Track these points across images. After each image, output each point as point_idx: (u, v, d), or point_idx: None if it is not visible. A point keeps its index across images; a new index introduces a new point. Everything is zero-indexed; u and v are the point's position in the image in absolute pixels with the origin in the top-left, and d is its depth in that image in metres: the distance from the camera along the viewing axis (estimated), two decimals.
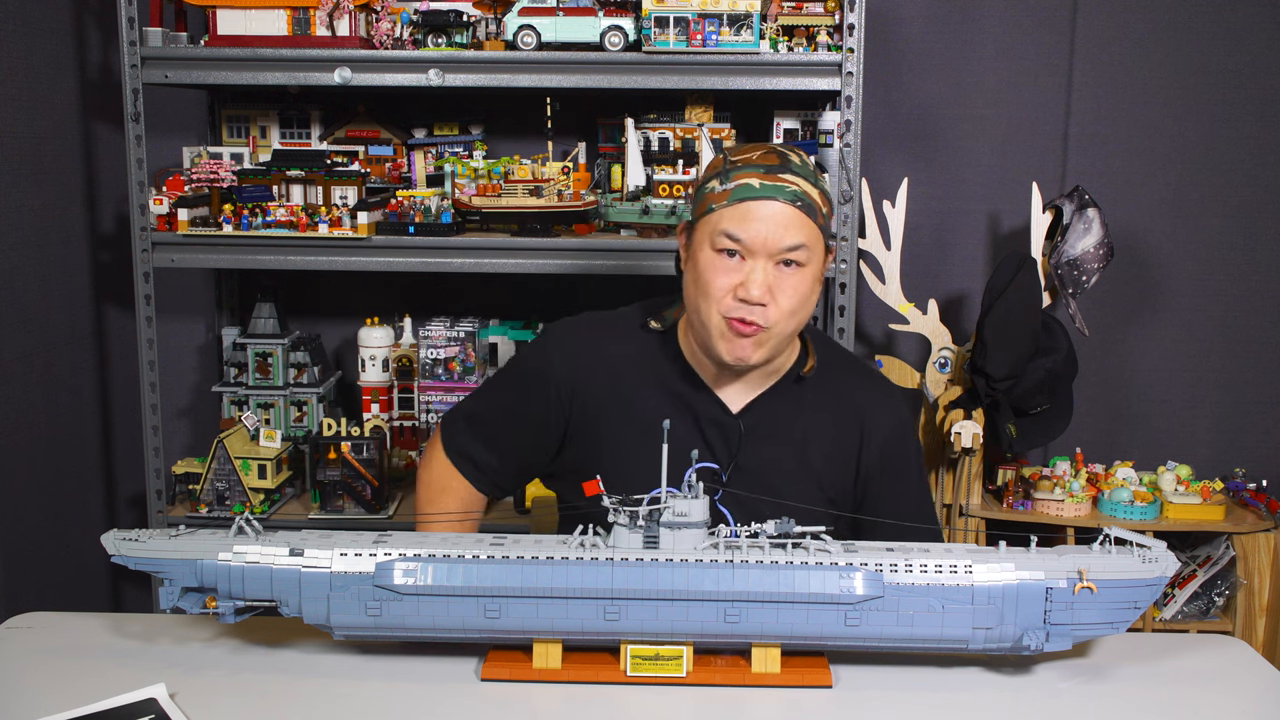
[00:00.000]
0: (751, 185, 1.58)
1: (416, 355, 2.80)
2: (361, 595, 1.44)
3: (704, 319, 1.62)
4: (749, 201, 1.57)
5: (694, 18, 2.40)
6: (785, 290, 1.59)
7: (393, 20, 2.52)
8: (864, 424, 1.74)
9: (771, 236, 1.57)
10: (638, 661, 1.45)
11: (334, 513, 2.63)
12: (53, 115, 2.77)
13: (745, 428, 1.70)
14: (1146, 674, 1.51)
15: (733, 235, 1.58)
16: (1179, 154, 2.95)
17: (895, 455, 1.76)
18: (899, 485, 1.77)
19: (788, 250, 1.58)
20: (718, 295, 1.59)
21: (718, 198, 1.60)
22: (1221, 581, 2.78)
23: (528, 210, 2.55)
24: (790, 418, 1.72)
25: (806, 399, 1.74)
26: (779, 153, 1.62)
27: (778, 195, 1.57)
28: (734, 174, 1.60)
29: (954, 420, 2.61)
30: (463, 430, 1.82)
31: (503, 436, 1.79)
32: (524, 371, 1.81)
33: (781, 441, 1.72)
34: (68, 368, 2.87)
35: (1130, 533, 1.49)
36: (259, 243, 2.53)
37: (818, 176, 1.63)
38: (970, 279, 3.02)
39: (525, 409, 1.77)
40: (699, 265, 1.62)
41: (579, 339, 1.77)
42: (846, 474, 1.75)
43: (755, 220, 1.57)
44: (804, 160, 1.63)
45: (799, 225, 1.58)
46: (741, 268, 1.59)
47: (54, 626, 1.62)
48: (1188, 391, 3.04)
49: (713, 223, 1.60)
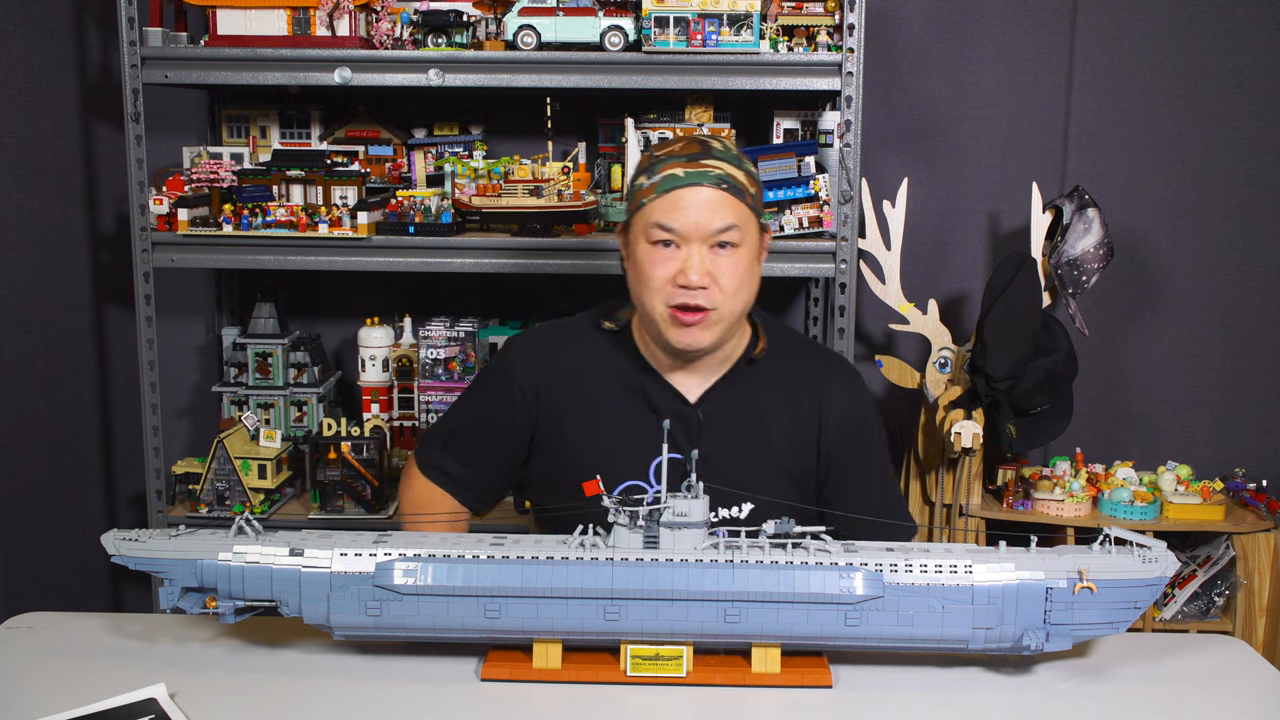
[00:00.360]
0: (676, 175, 1.64)
1: (416, 355, 2.80)
2: (361, 595, 1.44)
3: (650, 310, 1.68)
4: (676, 190, 1.64)
5: (694, 18, 2.40)
6: (723, 271, 1.65)
7: (393, 20, 2.52)
8: (822, 404, 1.78)
9: (702, 220, 1.63)
10: (638, 661, 1.45)
11: (334, 513, 2.63)
12: (53, 115, 2.77)
13: (704, 416, 1.74)
14: (1146, 674, 1.51)
15: (665, 225, 1.64)
16: (1179, 154, 2.95)
17: (855, 434, 1.80)
18: (861, 463, 1.81)
19: (719, 232, 1.64)
20: (658, 285, 1.65)
21: (646, 192, 1.66)
22: (1221, 581, 2.78)
23: (528, 210, 2.55)
24: (748, 402, 1.76)
25: (763, 382, 1.78)
26: (700, 141, 1.69)
27: (703, 181, 1.63)
28: (658, 167, 1.66)
29: (954, 420, 2.61)
30: (435, 450, 1.87)
31: (475, 450, 1.84)
32: (488, 385, 1.87)
33: (741, 426, 1.75)
34: (68, 368, 2.87)
35: (1130, 533, 1.49)
36: (259, 243, 2.53)
37: (741, 159, 1.69)
38: (970, 279, 3.02)
39: (493, 420, 1.81)
40: (638, 259, 1.68)
41: (537, 346, 1.84)
42: (809, 454, 1.78)
43: (684, 207, 1.63)
44: (726, 145, 1.70)
45: (727, 206, 1.64)
46: (678, 255, 1.64)
47: (54, 626, 1.62)
48: (1188, 391, 3.04)
49: (645, 217, 1.66)
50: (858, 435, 1.80)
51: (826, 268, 2.51)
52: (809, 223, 2.51)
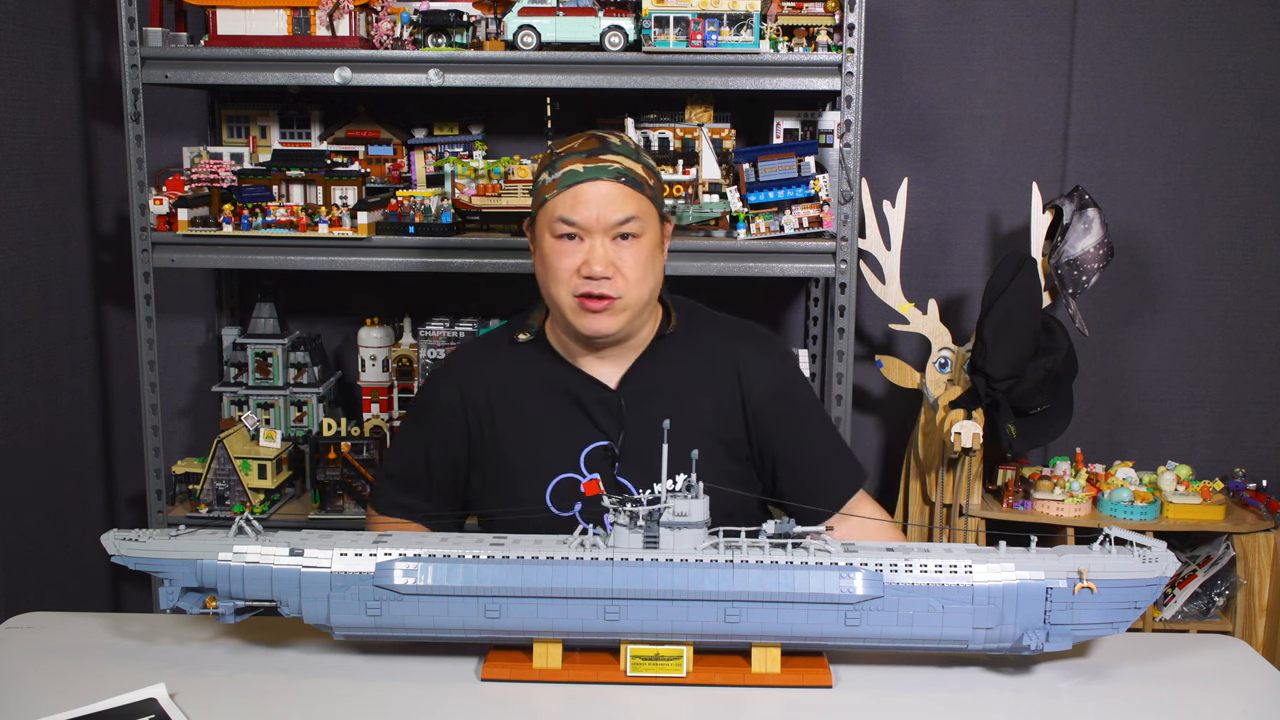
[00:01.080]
0: (576, 170, 1.70)
1: (416, 355, 2.80)
2: (361, 595, 1.44)
3: (557, 301, 1.73)
4: (576, 185, 1.69)
5: (694, 18, 2.40)
6: (626, 261, 1.70)
7: (393, 20, 2.52)
8: (740, 373, 1.81)
9: (603, 213, 1.69)
10: (638, 661, 1.45)
11: (334, 513, 2.63)
12: (53, 115, 2.77)
13: (626, 400, 1.78)
14: (1146, 674, 1.51)
15: (567, 219, 1.69)
16: (1179, 154, 2.95)
17: (781, 400, 1.83)
18: (796, 426, 1.84)
19: (620, 224, 1.69)
20: (564, 277, 1.71)
21: (549, 188, 1.72)
22: (1221, 581, 2.78)
23: (527, 210, 2.55)
24: (667, 379, 1.80)
25: (679, 357, 1.82)
26: (599, 137, 1.74)
27: (602, 175, 1.69)
28: (559, 163, 1.72)
29: (954, 420, 2.61)
30: (389, 490, 1.90)
31: (423, 480, 1.87)
32: (418, 418, 1.92)
33: (664, 403, 1.77)
34: (68, 368, 2.87)
35: (1130, 533, 1.49)
36: (259, 243, 2.53)
37: (640, 153, 1.75)
38: (970, 279, 3.02)
39: (431, 445, 1.85)
40: (544, 253, 1.73)
41: (457, 370, 1.87)
42: (736, 423, 1.81)
43: (585, 201, 1.69)
44: (624, 140, 1.75)
45: (626, 199, 1.70)
46: (581, 248, 1.70)
47: (54, 626, 1.62)
48: (1188, 391, 3.04)
49: (548, 212, 1.72)
50: (781, 399, 1.83)
51: (826, 268, 2.51)
52: (809, 223, 2.51)
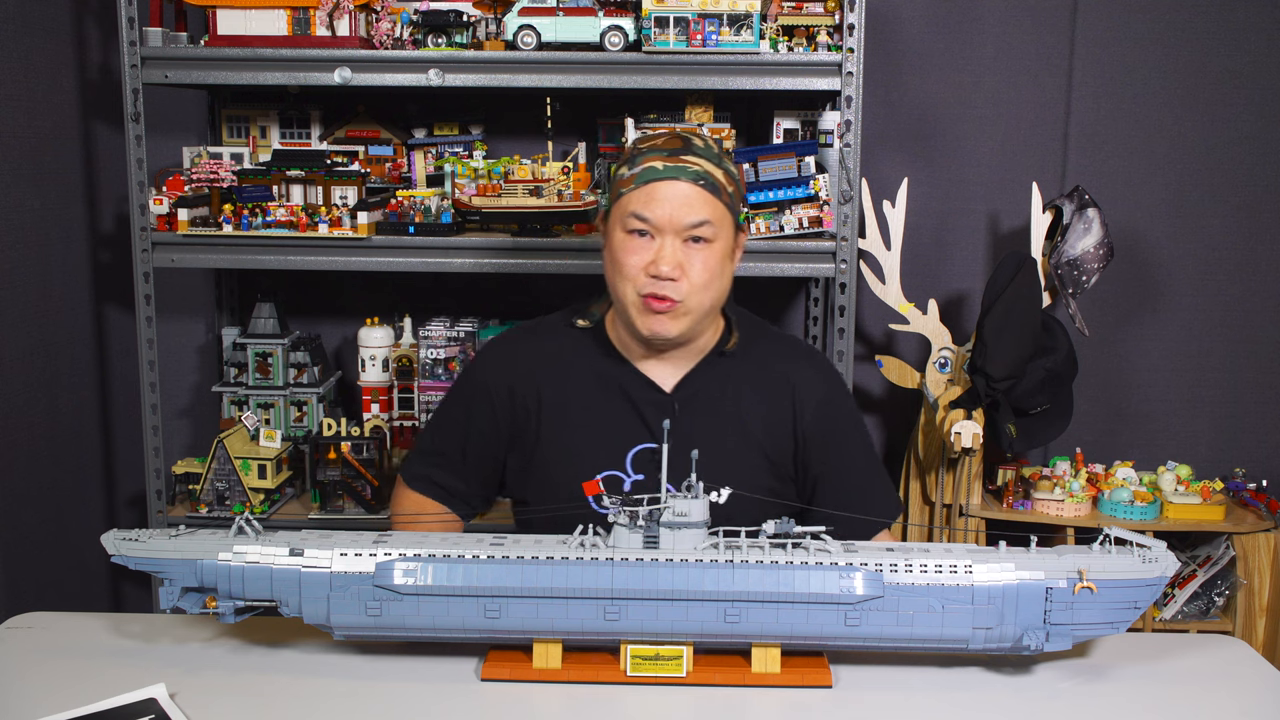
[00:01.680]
0: (655, 168, 1.67)
1: (416, 355, 2.80)
2: (361, 595, 1.44)
3: (621, 297, 1.71)
4: (654, 183, 1.67)
5: (694, 18, 2.40)
6: (695, 265, 1.68)
7: (393, 20, 2.52)
8: (795, 395, 1.80)
9: (676, 214, 1.66)
10: (638, 661, 1.45)
11: (334, 513, 2.63)
12: (53, 115, 2.77)
13: (679, 403, 1.76)
14: (1146, 674, 1.51)
15: (640, 215, 1.67)
16: (1179, 154, 2.95)
17: (831, 422, 1.82)
18: (842, 451, 1.83)
19: (693, 227, 1.67)
20: (631, 274, 1.68)
21: (626, 182, 1.69)
22: (1221, 581, 2.78)
23: (528, 210, 2.55)
24: (722, 391, 1.79)
25: (736, 373, 1.80)
26: (683, 136, 1.72)
27: (680, 175, 1.67)
28: (640, 159, 1.69)
29: (954, 420, 2.61)
30: (420, 465, 1.89)
31: (459, 458, 1.86)
32: (462, 392, 1.89)
33: (716, 414, 1.78)
34: (68, 368, 2.87)
35: (1130, 533, 1.49)
36: (259, 243, 2.53)
37: (723, 158, 1.72)
38: (970, 279, 3.02)
39: (472, 424, 1.84)
40: (613, 247, 1.71)
41: (506, 348, 1.86)
42: (785, 441, 1.81)
43: (660, 200, 1.66)
44: (708, 143, 1.72)
45: (703, 202, 1.67)
46: (651, 246, 1.68)
47: (54, 626, 1.62)
48: (1188, 391, 3.04)
49: (623, 206, 1.69)
50: (832, 418, 1.83)
51: (826, 268, 2.51)
52: (809, 223, 2.51)
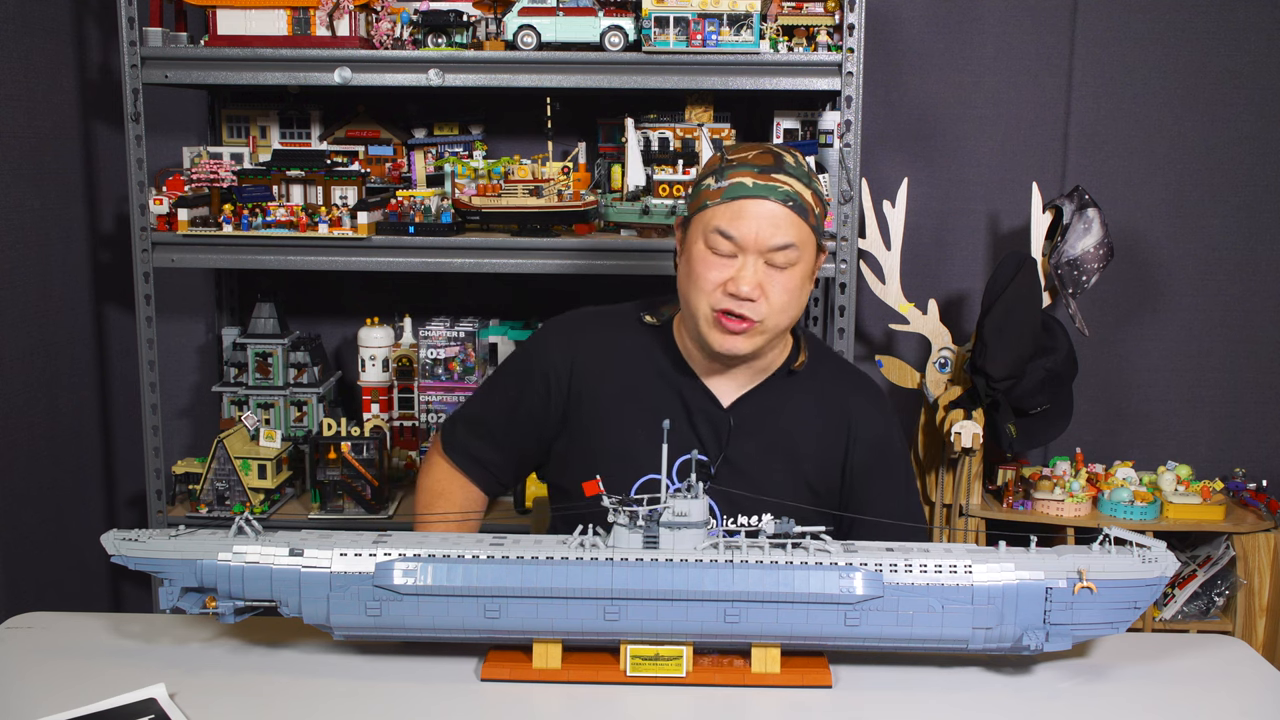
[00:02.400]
0: (745, 184, 1.62)
1: (416, 355, 2.80)
2: (361, 595, 1.44)
3: (694, 309, 1.67)
4: (742, 200, 1.62)
5: (694, 18, 2.40)
6: (775, 287, 1.63)
7: (393, 20, 2.52)
8: (851, 427, 1.77)
9: (762, 234, 1.61)
10: (638, 661, 1.45)
11: (334, 513, 2.63)
12: (53, 115, 2.77)
13: (734, 422, 1.73)
14: (1146, 674, 1.51)
15: (725, 232, 1.62)
16: (1179, 154, 2.95)
17: (881, 460, 1.79)
18: (886, 490, 1.79)
19: (778, 249, 1.62)
20: (708, 289, 1.64)
21: (712, 195, 1.64)
22: (1221, 581, 2.78)
23: (528, 210, 2.55)
24: (779, 414, 1.75)
25: (795, 398, 1.77)
26: (774, 153, 1.66)
27: (770, 195, 1.61)
28: (729, 172, 1.64)
29: (954, 420, 2.61)
30: (462, 431, 1.86)
31: (502, 431, 1.83)
32: (521, 364, 1.85)
33: (769, 437, 1.74)
34: (68, 368, 2.87)
35: (1130, 533, 1.49)
36: (259, 243, 2.53)
37: (812, 178, 1.67)
38: (970, 279, 3.02)
39: (523, 400, 1.80)
40: (692, 259, 1.66)
41: (573, 328, 1.82)
42: (833, 474, 1.78)
43: (747, 218, 1.61)
44: (799, 161, 1.67)
45: (790, 224, 1.62)
46: (732, 264, 1.63)
47: (54, 626, 1.62)
48: (1188, 391, 3.04)
49: (706, 219, 1.64)
50: (880, 460, 1.79)
51: (827, 268, 2.51)
52: None
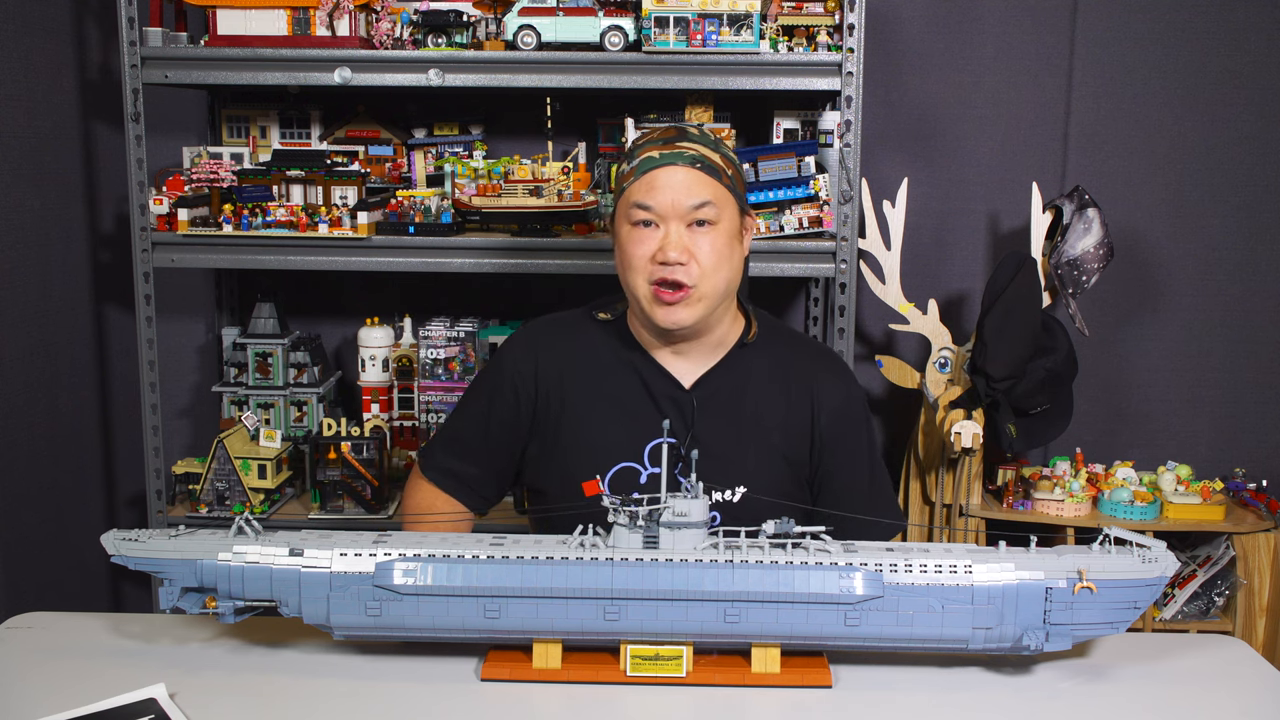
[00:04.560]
0: (653, 157, 1.71)
1: (416, 355, 2.80)
2: (361, 595, 1.44)
3: (634, 290, 1.73)
4: (652, 171, 1.70)
5: (694, 18, 2.40)
6: (701, 248, 1.69)
7: (393, 20, 2.52)
8: (814, 395, 1.81)
9: (677, 199, 1.68)
10: (638, 661, 1.45)
11: (334, 513, 2.63)
12: (53, 115, 2.77)
13: (698, 400, 1.77)
14: (1146, 674, 1.51)
15: (642, 204, 1.70)
16: (1179, 154, 2.95)
17: (845, 425, 1.84)
18: (851, 455, 1.85)
19: (695, 209, 1.69)
20: (639, 264, 1.71)
21: (626, 177, 1.73)
22: (1221, 581, 2.78)
23: (528, 210, 2.55)
24: (741, 389, 1.80)
25: (756, 370, 1.81)
26: (677, 127, 1.76)
27: (678, 160, 1.69)
28: (637, 152, 1.73)
29: (954, 420, 2.61)
30: (439, 453, 1.90)
31: (479, 445, 1.87)
32: (488, 379, 1.90)
33: (735, 411, 1.78)
34: (68, 368, 2.87)
35: (1130, 533, 1.49)
36: (259, 243, 2.53)
37: (718, 143, 1.75)
38: (970, 279, 3.02)
39: (494, 413, 1.85)
40: (620, 240, 1.74)
41: (531, 337, 1.88)
42: (803, 442, 1.82)
43: (660, 187, 1.69)
44: (703, 132, 1.76)
45: (702, 184, 1.69)
46: (656, 234, 1.70)
47: (54, 626, 1.62)
48: (1188, 391, 3.04)
49: (625, 199, 1.73)
50: (846, 426, 1.84)
51: (826, 268, 2.51)
52: (809, 223, 2.51)
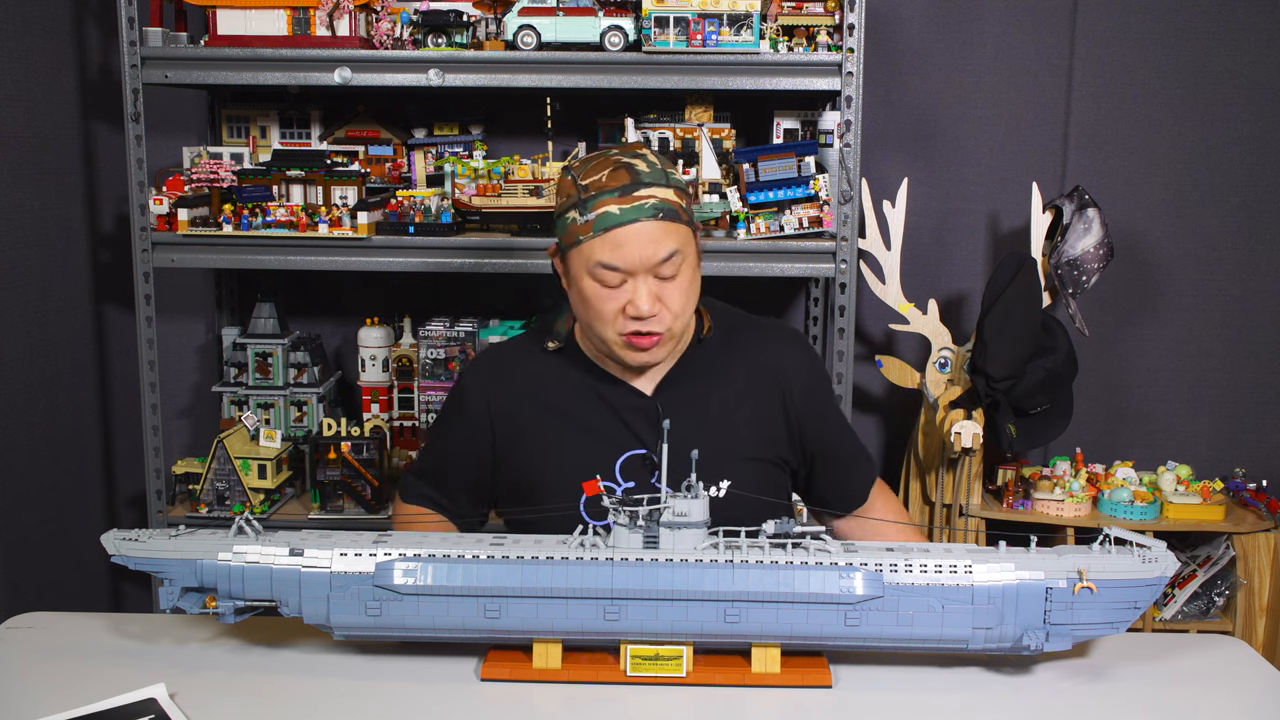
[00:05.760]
0: (612, 213, 1.61)
1: (416, 355, 2.80)
2: (361, 595, 1.44)
3: (602, 337, 1.68)
4: (614, 230, 1.61)
5: (694, 18, 2.40)
6: (671, 294, 1.65)
7: (393, 20, 2.52)
8: (779, 375, 1.79)
9: (645, 254, 1.61)
10: (638, 661, 1.45)
11: (334, 513, 2.63)
12: (53, 115, 2.77)
13: (662, 406, 1.74)
14: (1146, 674, 1.51)
15: (608, 264, 1.62)
16: (1179, 154, 2.95)
17: (819, 400, 1.85)
18: (827, 421, 1.86)
19: (663, 262, 1.62)
20: (609, 318, 1.65)
21: (582, 229, 1.63)
22: (1221, 581, 2.78)
23: (528, 210, 2.55)
24: (705, 388, 1.77)
25: (715, 364, 1.79)
26: (628, 167, 1.63)
27: (639, 215, 1.61)
28: (590, 204, 1.62)
29: (954, 420, 2.61)
30: (414, 484, 1.90)
31: (449, 477, 1.86)
32: (448, 416, 1.88)
33: (701, 410, 1.76)
34: (68, 368, 2.87)
35: (1130, 533, 1.49)
36: (259, 243, 2.53)
37: (668, 175, 1.65)
38: (970, 279, 3.02)
39: (459, 446, 1.83)
40: (585, 295, 1.66)
41: (486, 369, 1.84)
42: (779, 429, 1.79)
43: (625, 245, 1.61)
44: (652, 162, 1.65)
45: (667, 234, 1.62)
46: (625, 290, 1.64)
47: (54, 626, 1.62)
48: (1188, 391, 3.04)
49: (585, 254, 1.63)
50: (819, 396, 1.84)
51: (826, 268, 2.51)
52: (809, 223, 2.51)
